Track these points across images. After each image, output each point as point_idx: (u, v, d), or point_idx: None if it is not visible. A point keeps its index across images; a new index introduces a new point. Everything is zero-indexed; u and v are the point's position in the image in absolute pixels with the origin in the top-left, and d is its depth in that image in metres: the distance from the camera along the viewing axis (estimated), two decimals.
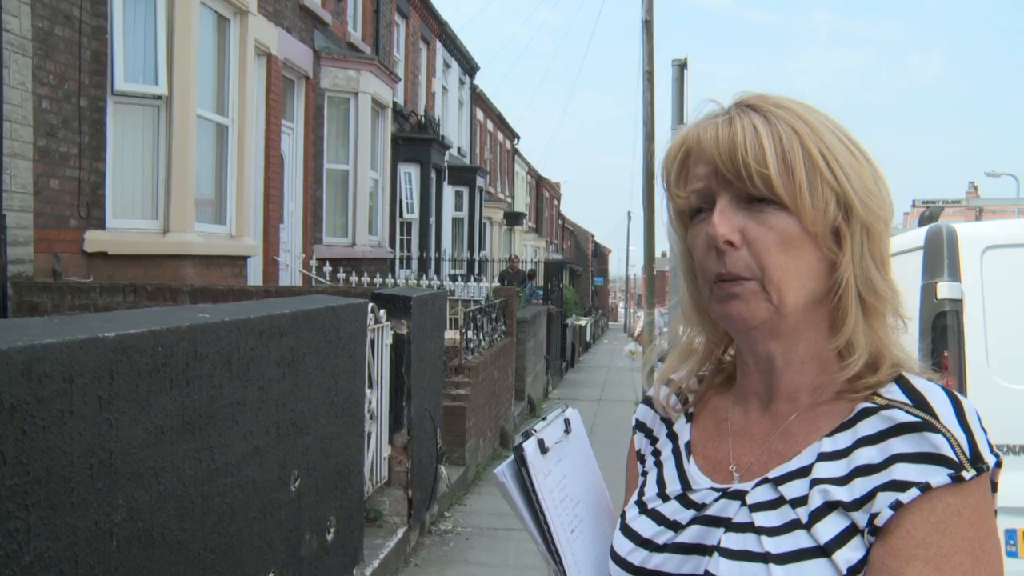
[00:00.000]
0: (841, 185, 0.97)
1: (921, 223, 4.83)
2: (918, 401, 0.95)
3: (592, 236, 57.57)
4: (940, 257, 3.63)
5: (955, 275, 3.59)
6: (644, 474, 1.15)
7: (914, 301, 3.70)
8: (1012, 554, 3.34)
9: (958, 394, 0.97)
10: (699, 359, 1.15)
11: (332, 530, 3.76)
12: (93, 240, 7.02)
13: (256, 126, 9.67)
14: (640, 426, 1.22)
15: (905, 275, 3.87)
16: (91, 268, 6.99)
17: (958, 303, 3.56)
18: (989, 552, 0.90)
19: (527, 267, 21.02)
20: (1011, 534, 3.36)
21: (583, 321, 22.56)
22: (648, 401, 1.23)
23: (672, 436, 1.15)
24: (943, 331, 3.55)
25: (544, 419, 1.16)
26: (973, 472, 0.89)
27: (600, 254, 59.54)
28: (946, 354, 3.53)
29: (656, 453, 1.16)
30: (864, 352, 0.99)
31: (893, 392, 0.98)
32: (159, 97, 7.37)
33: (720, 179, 0.99)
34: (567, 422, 1.18)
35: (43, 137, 6.52)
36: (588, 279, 44.70)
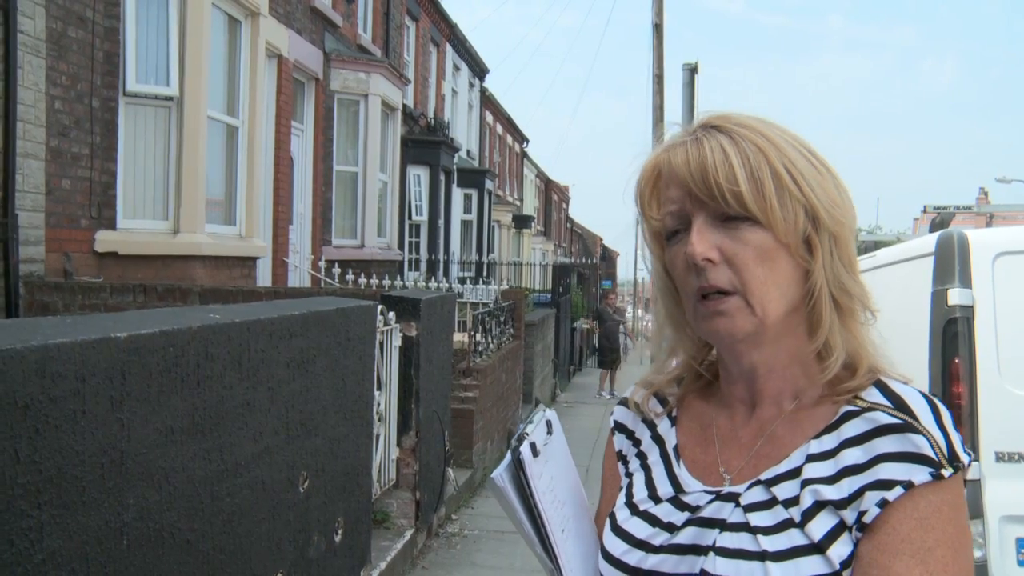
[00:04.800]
0: (807, 197, 1.02)
1: (932, 229, 4.81)
2: (898, 404, 1.00)
3: (601, 239, 57.50)
4: (951, 263, 3.62)
5: (966, 281, 3.57)
6: (629, 475, 1.18)
7: (924, 307, 3.69)
8: (1023, 563, 3.32)
9: (933, 397, 1.02)
10: (679, 369, 1.20)
11: (340, 531, 3.77)
12: (104, 240, 7.05)
13: (266, 127, 9.70)
14: (619, 427, 1.25)
15: (915, 281, 3.86)
16: (102, 268, 7.02)
17: (969, 309, 3.54)
18: (966, 545, 0.96)
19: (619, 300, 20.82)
20: (1022, 543, 3.34)
21: (591, 324, 22.55)
22: (625, 402, 1.26)
23: (658, 440, 1.18)
24: (953, 338, 3.53)
25: (531, 422, 1.18)
26: (951, 470, 0.95)
27: (609, 258, 59.45)
28: (956, 361, 3.51)
29: (641, 456, 1.19)
30: (841, 352, 1.04)
31: (873, 395, 1.03)
32: (170, 98, 7.40)
33: (694, 200, 1.03)
34: (548, 424, 1.20)
35: (55, 137, 6.55)
36: (596, 282, 44.70)
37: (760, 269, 1.01)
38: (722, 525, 1.02)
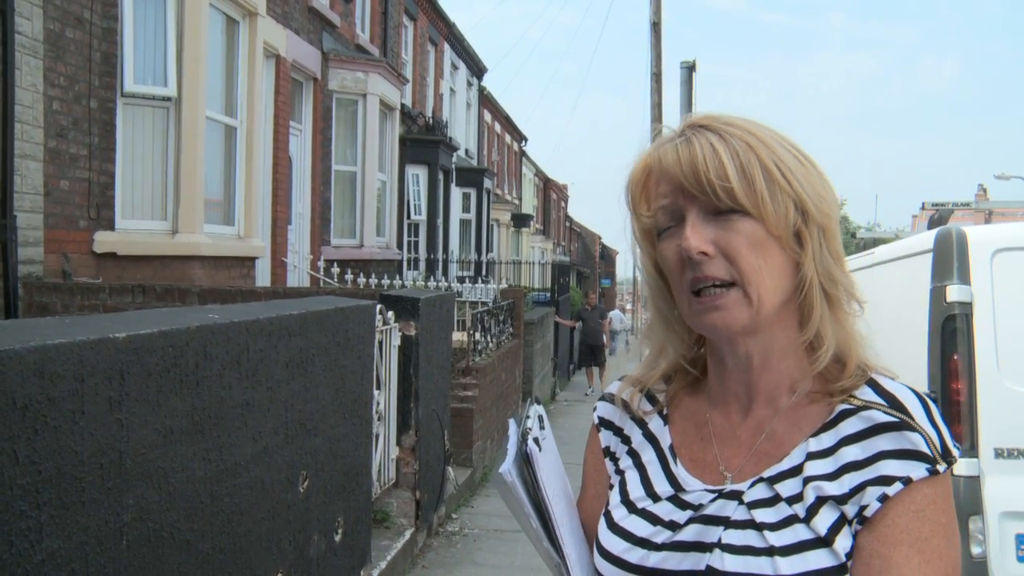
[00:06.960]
0: (796, 191, 1.05)
1: (931, 226, 4.81)
2: (892, 402, 1.04)
3: (599, 238, 57.45)
4: (950, 260, 3.62)
5: (965, 278, 3.58)
6: (620, 472, 1.19)
7: (923, 304, 3.69)
8: (1023, 559, 3.33)
9: (923, 393, 1.06)
10: (666, 366, 1.21)
11: (340, 531, 3.77)
12: (102, 241, 7.05)
13: (264, 128, 9.69)
14: (605, 423, 1.26)
15: (914, 278, 3.86)
16: (100, 269, 7.02)
17: (968, 306, 3.54)
18: (956, 533, 1.02)
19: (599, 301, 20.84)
20: (1022, 539, 3.34)
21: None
22: (610, 398, 1.26)
23: (650, 438, 1.19)
24: (952, 334, 3.54)
25: (528, 416, 1.18)
26: (944, 465, 1.01)
27: (607, 256, 59.43)
28: (956, 357, 3.52)
29: (633, 454, 1.20)
30: (832, 343, 1.07)
31: (867, 394, 1.06)
32: (168, 99, 7.40)
33: (685, 195, 1.05)
34: (540, 419, 1.20)
35: (54, 138, 6.55)
36: (595, 281, 44.67)
37: (754, 256, 1.03)
38: (727, 522, 1.04)
